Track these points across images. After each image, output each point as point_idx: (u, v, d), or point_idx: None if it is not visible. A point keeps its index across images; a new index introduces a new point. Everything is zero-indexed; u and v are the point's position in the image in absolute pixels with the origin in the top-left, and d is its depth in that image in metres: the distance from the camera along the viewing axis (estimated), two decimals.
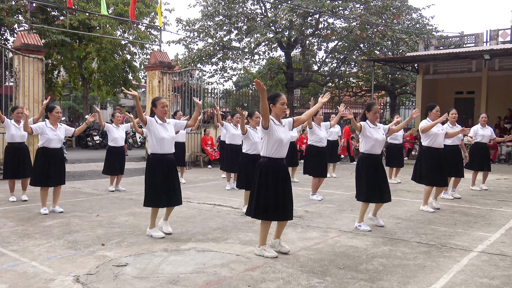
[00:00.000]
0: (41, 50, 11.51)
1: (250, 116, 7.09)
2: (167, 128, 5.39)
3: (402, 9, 23.88)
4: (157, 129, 5.29)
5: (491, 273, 4.17)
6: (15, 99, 11.04)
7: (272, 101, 4.55)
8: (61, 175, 6.81)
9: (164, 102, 5.42)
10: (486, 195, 8.95)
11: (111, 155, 9.00)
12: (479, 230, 5.88)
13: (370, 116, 5.87)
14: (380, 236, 5.52)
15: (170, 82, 14.51)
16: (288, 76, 24.63)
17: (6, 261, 4.41)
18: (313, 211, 7.11)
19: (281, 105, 4.52)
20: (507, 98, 18.98)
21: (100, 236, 5.38)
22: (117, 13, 19.04)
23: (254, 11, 23.89)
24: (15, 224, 5.97)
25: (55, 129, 6.67)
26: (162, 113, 5.38)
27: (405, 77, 25.95)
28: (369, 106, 5.93)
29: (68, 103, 35.43)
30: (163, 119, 5.41)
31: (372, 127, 5.80)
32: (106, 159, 9.08)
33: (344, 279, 3.96)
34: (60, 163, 6.80)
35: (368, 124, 5.80)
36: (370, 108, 5.90)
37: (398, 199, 8.26)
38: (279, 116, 4.58)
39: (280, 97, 4.55)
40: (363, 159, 5.85)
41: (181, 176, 10.44)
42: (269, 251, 4.57)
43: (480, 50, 16.97)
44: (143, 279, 3.92)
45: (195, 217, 6.62)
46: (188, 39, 24.12)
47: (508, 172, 13.64)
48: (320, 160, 8.14)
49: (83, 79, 22.03)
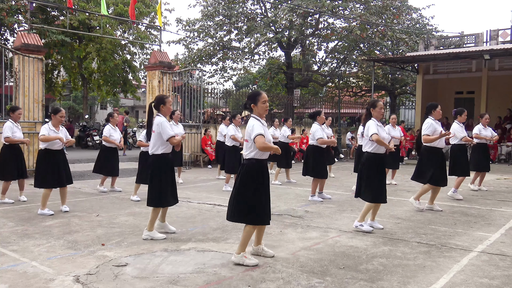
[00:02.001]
0: (41, 50, 11.50)
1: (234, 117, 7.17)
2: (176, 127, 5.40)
3: (402, 9, 23.88)
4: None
5: (491, 273, 4.17)
6: (15, 99, 11.04)
7: (253, 100, 4.38)
8: (66, 175, 6.83)
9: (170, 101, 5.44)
10: (486, 195, 8.95)
11: (109, 155, 8.92)
12: (479, 230, 5.88)
13: (375, 113, 5.79)
14: (380, 236, 5.52)
15: (170, 82, 14.51)
16: (288, 76, 24.64)
17: (6, 261, 4.40)
18: (313, 211, 7.11)
19: (263, 103, 4.36)
20: (507, 98, 18.99)
21: (100, 236, 5.38)
22: (117, 13, 19.05)
23: (254, 11, 23.89)
24: (15, 224, 5.97)
25: (57, 131, 6.70)
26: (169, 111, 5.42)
27: (405, 77, 25.95)
28: (374, 103, 5.86)
29: (68, 103, 35.48)
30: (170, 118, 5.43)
31: (379, 125, 5.74)
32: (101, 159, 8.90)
33: (344, 279, 3.96)
34: (63, 164, 6.82)
35: (375, 122, 5.73)
36: (375, 105, 5.82)
37: (398, 199, 8.26)
38: (262, 115, 4.40)
39: (261, 96, 4.38)
40: (369, 159, 5.73)
41: (178, 176, 10.45)
42: (250, 258, 4.35)
43: (480, 50, 16.97)
44: (143, 279, 3.92)
45: (195, 217, 6.62)
46: (188, 39, 24.14)
47: (508, 172, 13.64)
48: (323, 160, 8.11)
49: (83, 79, 22.04)
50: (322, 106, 24.13)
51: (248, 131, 4.32)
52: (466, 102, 20.28)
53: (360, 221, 5.80)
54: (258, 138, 4.20)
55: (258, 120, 4.33)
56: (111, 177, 9.06)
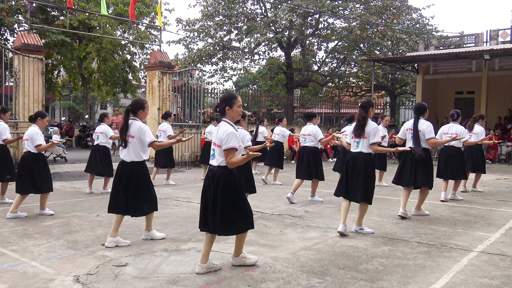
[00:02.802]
0: (41, 50, 11.51)
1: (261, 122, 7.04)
2: None
3: (402, 9, 23.88)
4: None
5: (491, 273, 4.17)
6: (15, 99, 11.05)
7: (228, 103, 4.09)
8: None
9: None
10: (486, 195, 8.95)
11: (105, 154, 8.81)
12: (479, 230, 5.88)
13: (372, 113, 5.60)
14: (380, 236, 5.52)
15: (170, 82, 14.51)
16: (288, 76, 24.64)
17: (6, 261, 4.41)
18: (313, 211, 7.11)
19: (238, 107, 4.11)
20: (507, 98, 18.99)
21: (100, 236, 5.38)
22: (117, 13, 19.05)
23: (254, 11, 23.90)
24: (15, 224, 5.97)
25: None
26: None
27: (405, 77, 25.95)
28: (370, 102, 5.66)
29: (68, 103, 35.47)
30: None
31: None
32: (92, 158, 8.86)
33: (344, 279, 3.96)
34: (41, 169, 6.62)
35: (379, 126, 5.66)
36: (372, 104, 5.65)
37: (398, 199, 8.25)
38: (235, 119, 4.15)
39: (236, 99, 4.12)
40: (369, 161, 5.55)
41: (167, 178, 10.30)
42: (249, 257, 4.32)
43: (480, 50, 16.97)
44: (143, 279, 3.92)
45: (195, 217, 6.60)
46: (188, 39, 24.14)
47: (508, 172, 13.64)
48: (319, 162, 8.01)
49: (83, 79, 22.05)
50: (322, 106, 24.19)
51: (221, 137, 3.96)
52: (466, 102, 20.30)
53: (359, 225, 5.71)
54: (230, 152, 3.90)
55: (232, 126, 4.02)
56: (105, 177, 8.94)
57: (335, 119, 20.11)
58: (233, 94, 4.28)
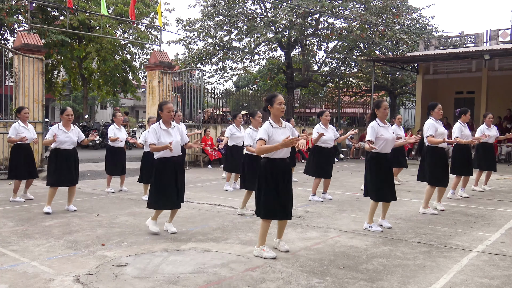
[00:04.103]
0: (41, 50, 11.50)
1: (253, 115, 7.16)
2: (171, 133, 5.41)
3: (402, 9, 23.87)
4: (161, 135, 5.34)
5: (491, 273, 4.17)
6: (15, 99, 11.04)
7: (269, 102, 4.61)
8: (75, 175, 6.95)
9: (170, 107, 5.44)
10: (486, 195, 8.95)
11: (114, 155, 8.97)
12: (479, 230, 5.88)
13: (380, 114, 5.75)
14: (380, 236, 5.52)
15: (170, 82, 14.51)
16: (288, 76, 24.63)
17: (6, 261, 4.41)
18: (313, 211, 7.11)
19: (279, 105, 4.54)
20: (507, 98, 18.98)
21: (100, 236, 5.38)
22: (117, 13, 19.05)
23: (254, 11, 23.88)
24: (15, 224, 5.97)
25: (67, 131, 6.79)
26: (168, 117, 5.42)
27: (405, 77, 25.95)
28: (378, 103, 5.81)
29: (68, 103, 35.42)
30: (169, 123, 5.46)
31: (382, 126, 5.71)
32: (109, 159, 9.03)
33: (344, 279, 3.96)
34: (74, 164, 6.92)
35: (378, 123, 5.73)
36: (379, 105, 5.77)
37: (398, 199, 8.23)
38: (278, 116, 4.60)
39: (277, 98, 4.58)
40: (372, 159, 5.75)
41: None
42: (268, 251, 4.57)
43: (480, 50, 16.97)
44: (143, 279, 3.92)
45: (195, 217, 6.62)
46: (188, 39, 24.12)
47: (508, 172, 13.65)
48: (325, 161, 8.06)
49: (83, 79, 22.04)
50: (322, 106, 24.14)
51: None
52: (466, 102, 20.27)
53: (370, 222, 5.82)
54: (257, 142, 4.47)
55: (269, 124, 4.53)
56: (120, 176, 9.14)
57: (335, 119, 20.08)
58: (274, 93, 4.70)
